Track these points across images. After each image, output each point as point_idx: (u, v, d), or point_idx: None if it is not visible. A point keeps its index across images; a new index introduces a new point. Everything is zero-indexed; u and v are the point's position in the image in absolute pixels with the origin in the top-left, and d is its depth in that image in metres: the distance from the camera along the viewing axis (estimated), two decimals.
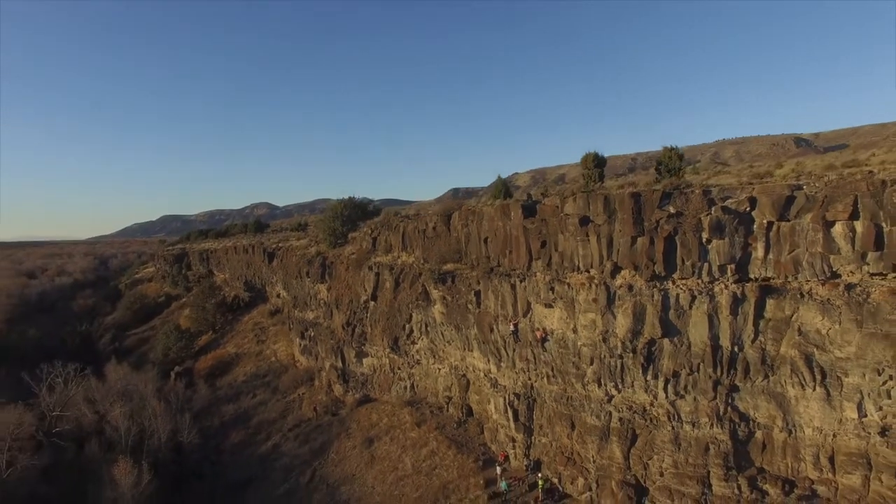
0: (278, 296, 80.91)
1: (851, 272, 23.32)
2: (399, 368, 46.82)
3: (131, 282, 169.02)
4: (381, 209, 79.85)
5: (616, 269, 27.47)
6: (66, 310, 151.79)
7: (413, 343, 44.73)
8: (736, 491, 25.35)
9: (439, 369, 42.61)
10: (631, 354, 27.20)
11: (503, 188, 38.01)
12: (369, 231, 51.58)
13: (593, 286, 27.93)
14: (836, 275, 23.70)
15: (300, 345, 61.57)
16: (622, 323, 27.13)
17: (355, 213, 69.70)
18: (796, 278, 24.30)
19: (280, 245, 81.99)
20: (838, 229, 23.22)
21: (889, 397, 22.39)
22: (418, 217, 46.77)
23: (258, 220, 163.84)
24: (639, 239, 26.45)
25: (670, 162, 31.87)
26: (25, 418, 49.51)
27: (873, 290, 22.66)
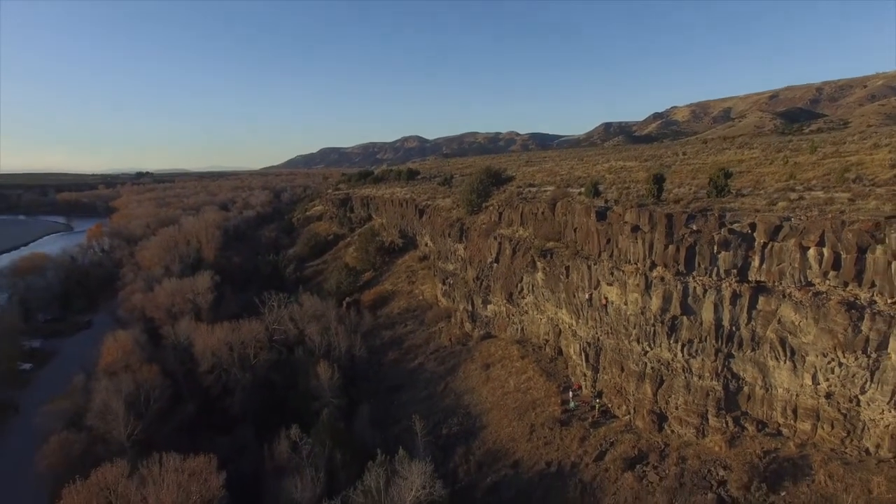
0: (426, 245, 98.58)
1: (820, 283, 32.53)
2: (512, 315, 61.30)
3: (304, 218, 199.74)
4: (512, 176, 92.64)
5: (653, 265, 38.66)
6: (253, 239, 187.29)
7: (523, 298, 58.72)
8: (724, 425, 36.58)
9: (540, 319, 56.34)
10: (660, 324, 38.71)
11: (592, 188, 48.99)
12: (496, 207, 65.36)
13: (638, 275, 39.48)
14: (810, 283, 32.99)
15: (441, 289, 78.61)
16: (655, 302, 38.59)
17: (490, 181, 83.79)
18: (781, 283, 33.89)
19: (428, 203, 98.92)
20: (811, 252, 32.39)
21: (832, 373, 31.96)
22: (534, 200, 59.42)
23: (410, 169, 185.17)
24: (669, 246, 37.29)
25: (718, 180, 40.95)
26: (260, 328, 72.98)
27: (831, 298, 31.85)
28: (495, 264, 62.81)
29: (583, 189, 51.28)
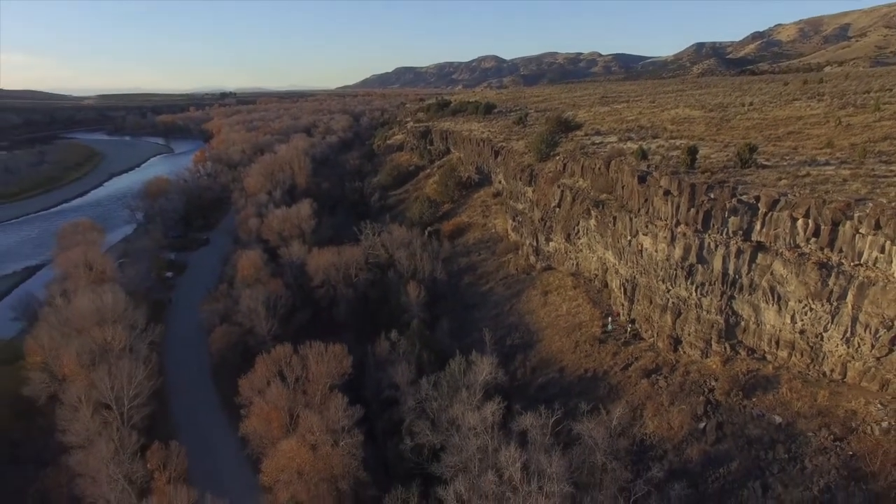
0: (499, 182, 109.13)
1: (804, 246, 41.85)
2: (569, 252, 72.58)
3: (385, 147, 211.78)
4: (581, 123, 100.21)
5: (678, 223, 48.65)
6: (336, 165, 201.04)
7: (578, 238, 69.65)
8: (723, 349, 47.60)
9: (591, 257, 67.43)
10: (681, 269, 49.22)
11: (641, 153, 58.04)
12: (562, 158, 75.07)
13: (666, 229, 49.69)
14: (797, 246, 42.30)
15: (511, 224, 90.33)
16: (678, 252, 48.96)
17: (559, 129, 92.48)
18: (775, 244, 43.33)
19: (503, 145, 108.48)
20: (799, 222, 41.52)
21: (805, 315, 41.96)
22: (593, 156, 68.78)
23: (487, 103, 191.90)
24: (691, 209, 47.05)
25: (744, 154, 49.43)
26: (358, 252, 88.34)
27: (810, 259, 41.28)
28: (557, 208, 73.45)
29: (639, 144, 60.58)
